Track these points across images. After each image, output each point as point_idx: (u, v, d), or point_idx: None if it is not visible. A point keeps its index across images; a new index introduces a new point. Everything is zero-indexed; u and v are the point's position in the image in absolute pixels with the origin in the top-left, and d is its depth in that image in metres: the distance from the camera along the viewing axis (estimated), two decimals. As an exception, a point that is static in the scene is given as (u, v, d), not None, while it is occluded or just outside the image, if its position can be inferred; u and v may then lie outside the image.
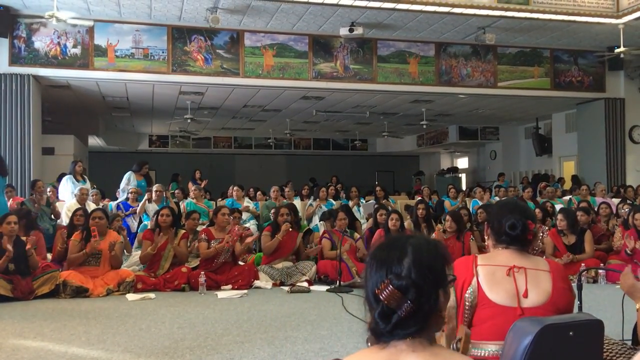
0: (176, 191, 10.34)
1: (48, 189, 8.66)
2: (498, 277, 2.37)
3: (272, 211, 8.38)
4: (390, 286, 1.37)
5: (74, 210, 7.27)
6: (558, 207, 9.73)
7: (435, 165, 22.51)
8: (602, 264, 6.97)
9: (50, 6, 8.37)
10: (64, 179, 9.10)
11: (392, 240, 1.52)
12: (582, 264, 6.45)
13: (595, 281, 6.73)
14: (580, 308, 3.40)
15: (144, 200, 8.64)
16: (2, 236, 5.82)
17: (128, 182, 9.28)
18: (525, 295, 2.31)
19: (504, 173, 16.31)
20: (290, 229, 7.03)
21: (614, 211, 8.92)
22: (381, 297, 1.38)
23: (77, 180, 8.92)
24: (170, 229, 6.70)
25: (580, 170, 13.36)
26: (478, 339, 2.31)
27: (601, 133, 12.41)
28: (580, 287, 3.39)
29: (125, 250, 7.50)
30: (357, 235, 7.62)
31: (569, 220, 7.07)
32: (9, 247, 5.69)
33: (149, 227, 7.78)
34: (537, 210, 8.15)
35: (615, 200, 10.31)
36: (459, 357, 1.48)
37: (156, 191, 8.77)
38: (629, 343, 2.61)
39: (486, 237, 2.60)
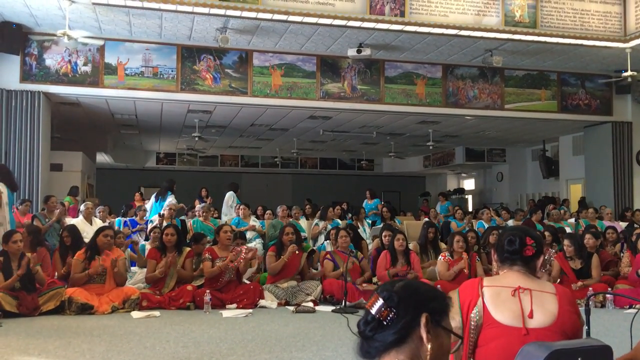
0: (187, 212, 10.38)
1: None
2: (503, 297, 2.38)
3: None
4: (380, 298, 1.49)
5: (61, 230, 7.19)
6: (567, 229, 9.71)
7: (441, 186, 22.49)
8: (609, 289, 6.91)
9: (62, 24, 8.49)
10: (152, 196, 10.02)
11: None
12: (590, 289, 6.40)
13: (603, 306, 6.67)
14: (588, 333, 3.37)
15: (156, 222, 8.75)
16: (7, 254, 5.84)
17: (233, 200, 10.76)
18: (531, 316, 2.32)
19: (444, 192, 16.16)
20: (297, 252, 7.03)
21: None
22: (367, 307, 1.52)
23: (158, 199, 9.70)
24: (175, 249, 6.71)
25: (588, 194, 13.31)
26: (484, 359, 2.31)
27: (608, 156, 12.37)
28: (588, 312, 3.37)
29: (132, 267, 7.52)
30: (360, 255, 7.60)
31: (576, 245, 7.03)
32: (22, 270, 5.72)
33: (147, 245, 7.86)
34: (546, 233, 8.12)
35: (623, 224, 10.26)
36: None
37: (170, 208, 8.82)
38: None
39: (494, 262, 2.63)
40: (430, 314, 1.48)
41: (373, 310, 1.48)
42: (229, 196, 11.17)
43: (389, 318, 1.46)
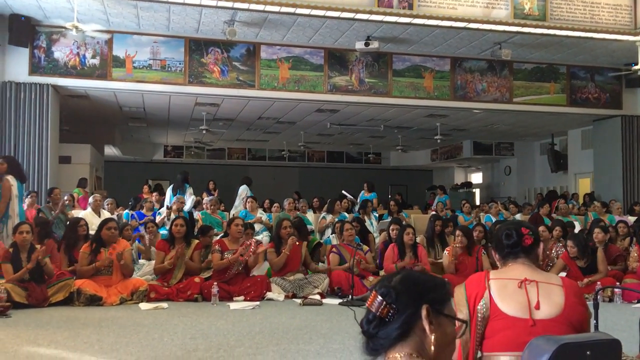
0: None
1: (65, 197, 8.75)
2: (510, 289, 2.40)
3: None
4: (379, 296, 1.48)
5: (76, 220, 7.25)
6: (576, 224, 9.67)
7: (449, 180, 22.44)
8: (618, 283, 6.88)
9: (70, 17, 8.50)
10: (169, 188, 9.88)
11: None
12: (598, 283, 6.37)
13: (611, 300, 6.65)
14: (596, 327, 3.36)
15: (164, 215, 8.78)
16: (17, 245, 5.89)
17: (246, 194, 10.76)
18: (537, 307, 2.34)
19: (443, 186, 16.05)
20: (297, 243, 7.04)
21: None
22: (368, 306, 1.50)
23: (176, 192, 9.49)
24: (184, 240, 6.74)
25: (596, 188, 13.24)
26: (491, 350, 2.32)
27: (617, 150, 12.30)
28: (596, 306, 3.36)
29: (141, 259, 7.54)
30: (365, 248, 7.60)
31: (580, 246, 6.96)
32: (32, 264, 5.75)
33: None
34: (557, 228, 8.07)
35: (632, 219, 10.22)
36: None
37: (180, 202, 8.87)
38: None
39: (496, 261, 2.65)
40: (430, 305, 1.47)
41: (373, 308, 1.48)
42: (243, 189, 11.12)
43: (389, 314, 1.46)
